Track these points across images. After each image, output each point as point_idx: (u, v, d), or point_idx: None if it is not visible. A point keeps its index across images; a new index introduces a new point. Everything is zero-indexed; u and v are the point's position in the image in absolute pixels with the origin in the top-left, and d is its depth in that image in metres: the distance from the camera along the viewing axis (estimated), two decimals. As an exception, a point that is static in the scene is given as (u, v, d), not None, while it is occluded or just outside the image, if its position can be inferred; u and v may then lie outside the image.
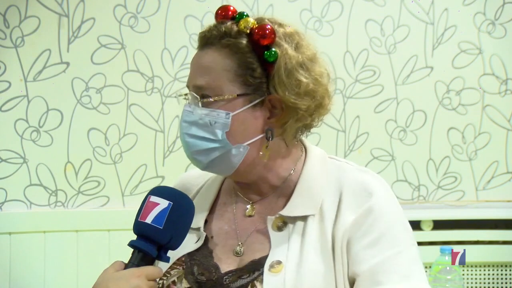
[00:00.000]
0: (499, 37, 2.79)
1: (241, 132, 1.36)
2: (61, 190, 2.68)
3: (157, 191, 1.29)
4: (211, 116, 1.34)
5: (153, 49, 2.71)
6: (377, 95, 2.78)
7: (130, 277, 1.22)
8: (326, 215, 1.35)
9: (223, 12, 1.40)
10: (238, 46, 1.35)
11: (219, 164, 1.37)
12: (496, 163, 2.80)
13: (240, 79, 1.35)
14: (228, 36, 1.36)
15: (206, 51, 1.37)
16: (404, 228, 1.35)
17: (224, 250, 1.40)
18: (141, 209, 1.27)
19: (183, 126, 1.37)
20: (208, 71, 1.35)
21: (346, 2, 2.76)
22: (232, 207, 1.46)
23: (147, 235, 1.25)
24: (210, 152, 1.36)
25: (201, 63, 1.37)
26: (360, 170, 1.41)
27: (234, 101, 1.35)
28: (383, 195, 1.36)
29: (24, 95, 2.65)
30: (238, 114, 1.35)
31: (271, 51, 1.34)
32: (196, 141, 1.36)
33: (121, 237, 2.60)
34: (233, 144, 1.35)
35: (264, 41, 1.35)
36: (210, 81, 1.34)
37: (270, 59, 1.34)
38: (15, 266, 2.61)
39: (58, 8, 2.66)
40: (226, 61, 1.35)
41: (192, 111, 1.36)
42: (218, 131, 1.35)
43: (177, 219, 1.26)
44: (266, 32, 1.35)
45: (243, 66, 1.35)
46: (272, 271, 1.30)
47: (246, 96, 1.35)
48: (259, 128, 1.37)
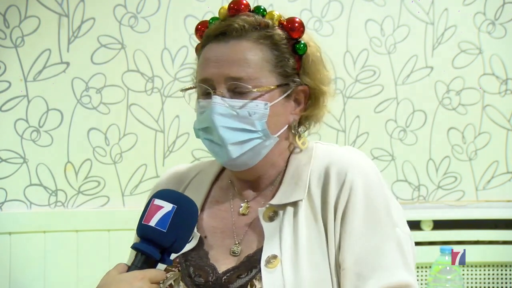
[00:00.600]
0: (499, 37, 2.79)
1: (274, 123, 1.37)
2: (61, 190, 2.68)
3: (161, 194, 1.29)
4: (250, 107, 1.34)
5: (153, 49, 2.71)
6: (377, 95, 2.78)
7: (133, 280, 1.22)
8: (314, 199, 1.36)
9: (236, 5, 1.40)
10: (276, 38, 1.37)
11: (248, 156, 1.37)
12: (496, 163, 2.80)
13: (279, 70, 1.37)
14: (264, 28, 1.37)
15: (238, 43, 1.36)
16: (386, 208, 1.35)
17: (220, 250, 1.40)
18: (145, 212, 1.27)
19: (216, 119, 1.34)
20: (246, 63, 1.35)
21: (346, 2, 2.76)
22: (228, 205, 1.46)
23: (151, 238, 1.25)
24: (246, 143, 1.36)
25: (236, 54, 1.36)
26: (343, 150, 1.43)
27: (272, 92, 1.36)
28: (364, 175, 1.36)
29: (24, 95, 2.65)
30: (274, 105, 1.36)
31: (301, 43, 1.39)
32: (234, 133, 1.35)
33: (121, 237, 2.60)
34: (272, 134, 1.37)
35: (295, 34, 1.39)
36: (250, 73, 1.34)
37: (300, 52, 1.39)
38: (15, 266, 2.61)
39: (58, 8, 2.66)
40: (266, 52, 1.36)
41: (224, 103, 1.34)
42: (257, 122, 1.35)
43: (181, 222, 1.26)
44: (296, 25, 1.39)
45: (281, 58, 1.37)
46: (269, 266, 1.30)
47: (283, 87, 1.37)
48: (287, 119, 1.40)
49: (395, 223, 1.34)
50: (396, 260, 1.31)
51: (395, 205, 1.38)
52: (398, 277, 1.30)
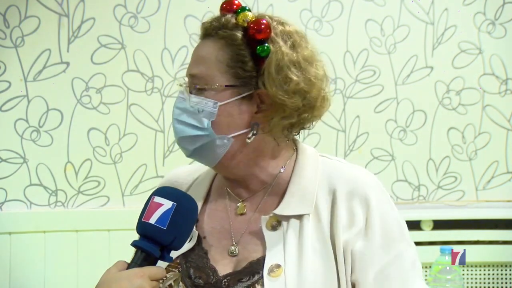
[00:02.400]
0: (499, 37, 2.79)
1: (227, 124, 1.36)
2: (61, 190, 2.68)
3: (161, 192, 1.29)
4: (200, 104, 1.36)
5: (153, 49, 2.71)
6: (377, 95, 2.78)
7: (133, 277, 1.21)
8: (322, 215, 1.35)
9: (228, 5, 1.41)
10: (232, 38, 1.36)
11: (203, 153, 1.39)
12: (496, 163, 2.80)
13: (231, 70, 1.36)
14: (225, 27, 1.37)
15: (205, 42, 1.40)
16: (399, 227, 1.36)
17: (218, 250, 1.39)
18: (144, 209, 1.27)
19: (174, 112, 1.39)
20: (202, 61, 1.37)
21: (346, 2, 2.76)
22: (224, 205, 1.45)
23: (150, 235, 1.25)
24: (195, 139, 1.37)
25: (198, 53, 1.39)
26: (351, 168, 1.42)
27: (222, 92, 1.36)
28: (376, 193, 1.36)
29: (24, 95, 2.65)
30: (225, 105, 1.35)
31: (263, 46, 1.35)
32: (183, 128, 1.38)
33: (121, 237, 2.60)
34: (218, 134, 1.36)
35: (259, 36, 1.35)
36: (203, 71, 1.36)
37: (262, 54, 1.35)
38: (15, 266, 2.61)
39: (58, 8, 2.66)
40: (220, 52, 1.36)
41: (184, 98, 1.38)
42: (204, 119, 1.36)
43: (181, 220, 1.26)
44: (261, 27, 1.35)
45: (235, 59, 1.36)
46: (272, 275, 1.30)
47: (235, 88, 1.36)
48: (245, 121, 1.38)
49: (408, 241, 1.36)
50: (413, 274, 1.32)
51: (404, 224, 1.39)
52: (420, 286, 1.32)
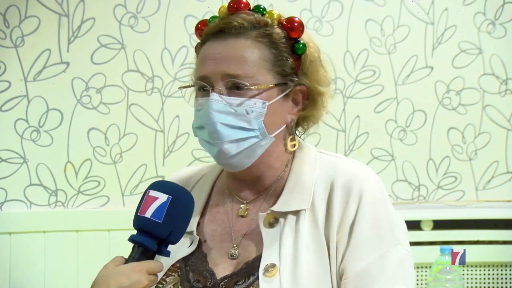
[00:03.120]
0: (499, 37, 2.79)
1: (271, 123, 1.36)
2: (61, 190, 2.68)
3: (156, 185, 1.29)
4: (247, 105, 1.33)
5: (153, 49, 2.71)
6: (377, 95, 2.78)
7: (131, 272, 1.22)
8: (318, 210, 1.35)
9: (235, 4, 1.39)
10: (274, 37, 1.37)
11: (244, 156, 1.36)
12: (496, 163, 2.80)
13: (277, 69, 1.36)
14: (263, 26, 1.37)
15: (236, 41, 1.36)
16: (390, 225, 1.35)
17: (219, 253, 1.39)
18: (140, 204, 1.28)
19: (214, 115, 1.33)
20: (244, 61, 1.34)
21: (346, 2, 2.76)
22: (225, 208, 1.45)
23: (147, 229, 1.25)
24: (243, 141, 1.35)
25: (234, 52, 1.35)
26: (349, 163, 1.41)
27: (270, 91, 1.35)
28: (372, 189, 1.36)
29: (24, 95, 2.65)
30: (272, 104, 1.35)
31: (300, 43, 1.38)
32: (231, 130, 1.34)
33: (121, 237, 2.57)
34: (269, 133, 1.36)
35: (294, 34, 1.38)
36: (247, 71, 1.34)
37: (299, 52, 1.38)
38: (15, 266, 2.61)
39: (58, 8, 2.66)
40: (264, 50, 1.36)
41: (222, 101, 1.34)
42: (254, 120, 1.34)
43: (177, 213, 1.26)
44: (295, 25, 1.38)
45: (280, 57, 1.37)
46: (267, 275, 1.30)
47: (281, 86, 1.37)
48: (284, 119, 1.39)
49: (398, 240, 1.34)
50: (396, 275, 1.31)
51: (398, 221, 1.38)
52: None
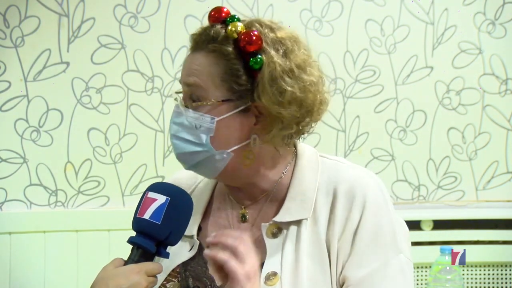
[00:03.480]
0: (499, 37, 2.79)
1: (225, 138, 1.34)
2: (61, 190, 2.68)
3: (155, 187, 1.29)
4: (198, 120, 1.33)
5: (153, 49, 2.71)
6: (377, 95, 2.78)
7: (130, 274, 1.22)
8: (320, 217, 1.34)
9: (216, 13, 1.38)
10: (223, 53, 1.33)
11: (203, 167, 1.37)
12: (496, 163, 2.80)
13: (226, 85, 1.33)
14: (215, 41, 1.34)
15: (195, 54, 1.36)
16: (393, 233, 1.34)
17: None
18: (139, 205, 1.28)
19: (172, 127, 1.37)
20: (196, 73, 1.34)
21: (346, 2, 2.76)
22: (226, 213, 1.44)
23: (146, 231, 1.25)
24: (194, 155, 1.35)
25: (190, 66, 1.36)
26: (352, 168, 1.40)
27: (219, 107, 1.33)
28: (375, 195, 1.35)
29: (24, 95, 2.65)
30: (223, 120, 1.33)
31: (256, 58, 1.32)
32: (181, 144, 1.35)
33: (121, 237, 2.56)
34: (217, 149, 1.34)
35: (250, 48, 1.32)
36: (198, 82, 1.33)
37: (255, 66, 1.32)
38: (15, 266, 2.61)
39: (58, 8, 2.66)
40: (212, 66, 1.33)
41: (180, 113, 1.36)
42: (202, 135, 1.33)
43: (175, 214, 1.26)
44: (253, 39, 1.32)
45: (229, 72, 1.33)
46: (268, 284, 1.29)
47: (231, 102, 1.33)
48: (244, 134, 1.35)
49: (400, 249, 1.34)
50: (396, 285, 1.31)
51: (400, 229, 1.37)
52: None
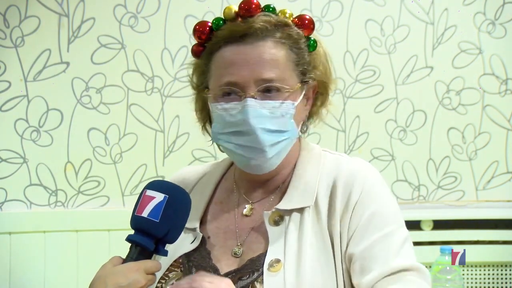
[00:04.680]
0: (499, 37, 2.79)
1: (296, 122, 1.38)
2: (61, 190, 2.68)
3: (153, 185, 1.29)
4: (281, 108, 1.34)
5: (153, 49, 2.71)
6: (377, 95, 2.78)
7: (128, 272, 1.22)
8: (321, 206, 1.36)
9: (246, 5, 1.36)
10: (294, 37, 1.37)
11: (277, 157, 1.37)
12: (496, 163, 2.80)
13: (300, 68, 1.37)
14: (284, 27, 1.37)
15: (263, 44, 1.34)
16: (393, 209, 1.36)
17: (222, 251, 1.40)
18: (137, 203, 1.28)
19: (254, 121, 1.32)
20: (274, 64, 1.34)
21: (346, 2, 2.76)
22: (231, 206, 1.45)
23: (144, 228, 1.25)
24: (279, 143, 1.36)
25: (263, 56, 1.34)
26: (351, 161, 1.42)
27: (295, 91, 1.36)
28: (372, 177, 1.38)
29: (24, 95, 2.65)
30: (297, 104, 1.37)
31: (312, 40, 1.39)
32: (271, 135, 1.34)
33: (121, 237, 2.56)
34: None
35: (306, 32, 1.39)
36: (279, 73, 1.34)
37: (311, 49, 1.39)
38: (15, 266, 2.61)
39: (58, 8, 2.66)
40: (287, 52, 1.36)
41: (258, 106, 1.33)
42: (288, 121, 1.36)
43: (173, 212, 1.26)
44: (306, 23, 1.39)
45: (301, 56, 1.38)
46: (272, 270, 1.30)
47: (304, 84, 1.38)
48: (302, 116, 1.41)
49: (401, 223, 1.36)
50: (400, 251, 1.31)
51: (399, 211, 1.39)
52: (398, 263, 1.30)
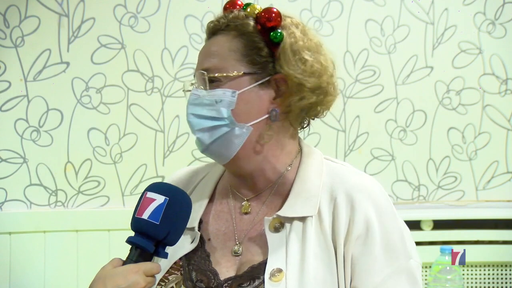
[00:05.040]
0: (499, 37, 2.79)
1: (245, 112, 1.37)
2: (61, 190, 2.68)
3: (154, 187, 1.29)
4: (217, 96, 1.36)
5: (153, 49, 2.71)
6: (377, 95, 2.78)
7: (128, 273, 1.22)
8: (324, 218, 1.34)
9: (230, 5, 1.43)
10: (244, 28, 1.38)
11: (220, 145, 1.37)
12: (496, 163, 2.80)
13: (247, 58, 1.37)
14: (234, 20, 1.39)
15: (214, 38, 1.40)
16: (401, 238, 1.35)
17: (222, 252, 1.39)
18: (138, 205, 1.28)
19: (189, 108, 1.39)
20: (215, 54, 1.38)
21: (346, 2, 2.76)
22: (229, 206, 1.45)
23: (144, 231, 1.25)
24: (213, 130, 1.37)
25: (209, 49, 1.40)
26: (354, 174, 1.40)
27: (240, 80, 1.36)
28: (379, 202, 1.35)
29: (24, 95, 2.65)
30: (243, 93, 1.36)
31: (276, 32, 1.37)
32: (200, 120, 1.37)
33: (121, 237, 2.56)
34: (238, 122, 1.36)
35: (270, 23, 1.38)
36: (216, 63, 1.37)
37: (275, 40, 1.37)
38: (15, 266, 2.61)
39: (58, 8, 2.66)
40: (233, 42, 1.37)
41: (199, 94, 1.38)
42: (223, 109, 1.35)
43: (174, 214, 1.26)
44: (272, 15, 1.38)
45: (250, 46, 1.37)
46: (273, 280, 1.29)
47: (253, 75, 1.37)
48: (264, 108, 1.38)
49: (410, 254, 1.35)
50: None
51: (406, 232, 1.38)
52: None
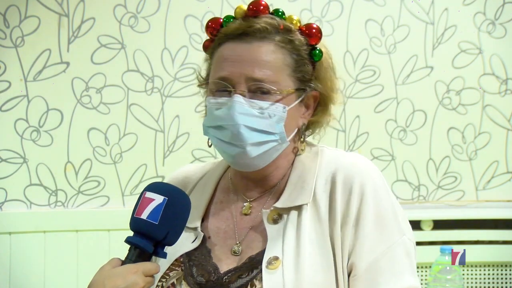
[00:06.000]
0: (499, 37, 2.79)
1: (289, 127, 1.39)
2: (61, 190, 2.68)
3: (153, 187, 1.29)
4: (270, 109, 1.36)
5: (153, 49, 2.71)
6: (377, 95, 2.78)
7: (127, 274, 1.22)
8: (320, 203, 1.36)
9: (255, 6, 1.40)
10: (297, 43, 1.39)
11: (262, 158, 1.38)
12: (496, 163, 2.80)
13: (297, 75, 1.39)
14: (286, 32, 1.39)
15: (260, 44, 1.37)
16: (394, 215, 1.37)
17: (222, 250, 1.40)
18: (137, 205, 1.28)
19: (238, 117, 1.34)
20: (268, 66, 1.36)
21: (346, 2, 2.76)
22: (230, 206, 1.46)
23: (143, 231, 1.25)
24: (263, 144, 1.37)
25: (258, 56, 1.36)
26: (349, 155, 1.43)
27: (289, 96, 1.38)
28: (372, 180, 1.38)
29: (24, 95, 2.65)
30: (291, 109, 1.38)
31: (317, 50, 1.40)
32: (253, 133, 1.36)
33: (121, 237, 2.55)
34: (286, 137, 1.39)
35: (312, 40, 1.40)
36: (270, 75, 1.36)
37: (316, 58, 1.40)
38: (15, 266, 2.61)
39: (58, 8, 2.66)
40: (286, 56, 1.38)
41: (245, 103, 1.35)
42: (276, 124, 1.36)
43: (173, 214, 1.26)
44: (313, 32, 1.41)
45: (300, 62, 1.39)
46: (270, 267, 1.31)
47: (300, 91, 1.39)
48: (297, 123, 1.42)
49: (403, 230, 1.37)
50: (404, 266, 1.34)
51: (400, 210, 1.39)
52: (407, 282, 1.33)
